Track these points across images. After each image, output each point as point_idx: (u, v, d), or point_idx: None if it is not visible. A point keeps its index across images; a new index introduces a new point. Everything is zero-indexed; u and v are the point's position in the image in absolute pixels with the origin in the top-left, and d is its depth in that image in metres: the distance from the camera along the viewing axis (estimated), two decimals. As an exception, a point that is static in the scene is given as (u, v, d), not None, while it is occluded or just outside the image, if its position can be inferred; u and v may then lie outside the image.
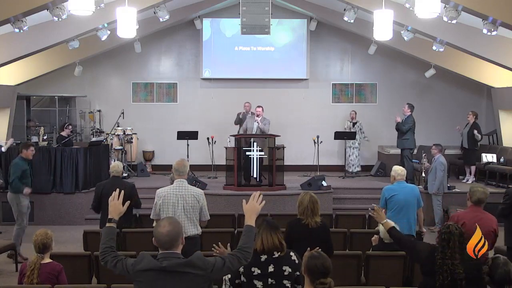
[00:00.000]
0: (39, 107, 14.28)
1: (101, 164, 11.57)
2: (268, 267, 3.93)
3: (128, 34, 9.35)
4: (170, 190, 5.41)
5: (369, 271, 5.60)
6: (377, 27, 9.11)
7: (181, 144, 12.95)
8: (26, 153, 8.19)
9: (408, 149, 11.74)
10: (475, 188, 5.30)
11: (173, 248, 3.22)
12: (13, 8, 8.21)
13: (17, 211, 8.10)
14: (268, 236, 3.97)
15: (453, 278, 3.95)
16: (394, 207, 6.54)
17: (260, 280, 3.92)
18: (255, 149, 10.59)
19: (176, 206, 5.32)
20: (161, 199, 5.40)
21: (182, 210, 5.32)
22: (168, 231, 3.21)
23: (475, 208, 5.25)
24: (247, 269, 3.93)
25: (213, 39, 14.45)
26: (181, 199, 5.34)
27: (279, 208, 10.22)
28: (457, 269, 3.94)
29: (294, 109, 14.58)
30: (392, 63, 14.66)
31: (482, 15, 8.75)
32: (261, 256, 3.95)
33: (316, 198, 5.18)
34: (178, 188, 5.39)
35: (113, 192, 3.64)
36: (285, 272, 3.93)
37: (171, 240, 3.21)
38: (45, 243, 4.76)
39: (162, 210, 5.37)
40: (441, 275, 3.98)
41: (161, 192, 5.45)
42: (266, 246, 3.95)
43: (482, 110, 14.45)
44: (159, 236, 3.22)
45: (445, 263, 3.98)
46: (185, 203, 5.33)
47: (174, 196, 5.35)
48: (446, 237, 4.03)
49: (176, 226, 3.26)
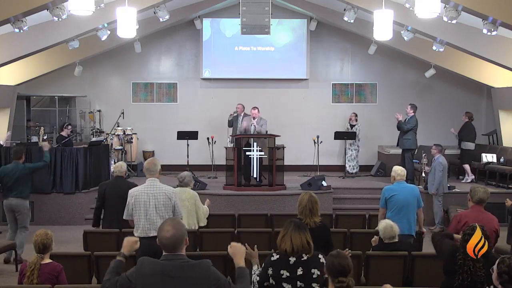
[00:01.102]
0: (39, 107, 14.28)
1: (101, 164, 11.56)
2: (297, 270, 3.94)
3: (128, 34, 9.35)
4: (142, 189, 5.41)
5: (369, 271, 5.59)
6: (377, 27, 9.11)
7: (181, 144, 12.95)
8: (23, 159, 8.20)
9: (409, 149, 11.73)
10: (476, 188, 5.32)
11: (177, 250, 3.22)
12: (13, 8, 8.21)
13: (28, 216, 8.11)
14: (297, 236, 3.98)
15: (473, 279, 3.93)
16: (394, 207, 6.54)
17: (289, 283, 3.92)
18: (255, 149, 10.60)
19: (148, 205, 5.31)
20: (133, 199, 5.39)
21: (154, 208, 5.31)
22: (172, 235, 3.20)
23: (476, 207, 5.26)
24: (276, 271, 3.94)
25: (213, 39, 14.44)
26: (152, 198, 5.33)
27: (279, 208, 10.23)
28: (479, 272, 3.92)
29: (294, 109, 14.57)
30: (392, 63, 14.66)
31: (482, 15, 8.75)
32: (290, 259, 3.95)
33: (316, 198, 5.17)
34: (150, 187, 5.38)
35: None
36: (313, 275, 3.94)
37: (175, 243, 3.21)
38: (45, 243, 4.76)
39: (134, 209, 5.37)
40: (461, 275, 3.96)
41: (133, 192, 5.45)
42: (295, 246, 3.95)
43: (482, 110, 14.46)
44: (163, 240, 3.22)
45: (465, 264, 3.97)
46: (157, 201, 5.32)
47: (145, 195, 5.35)
48: (469, 238, 4.02)
49: (179, 229, 3.25)
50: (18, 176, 7.96)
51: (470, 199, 5.36)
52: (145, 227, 5.30)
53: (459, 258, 4.01)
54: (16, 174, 7.96)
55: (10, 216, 8.06)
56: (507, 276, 3.36)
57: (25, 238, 7.95)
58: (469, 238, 4.03)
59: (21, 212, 8.01)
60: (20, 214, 8.01)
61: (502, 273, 3.37)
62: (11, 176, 7.96)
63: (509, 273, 3.36)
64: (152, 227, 5.27)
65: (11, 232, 8.09)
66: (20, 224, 8.03)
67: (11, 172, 7.99)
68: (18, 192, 7.96)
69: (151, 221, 5.29)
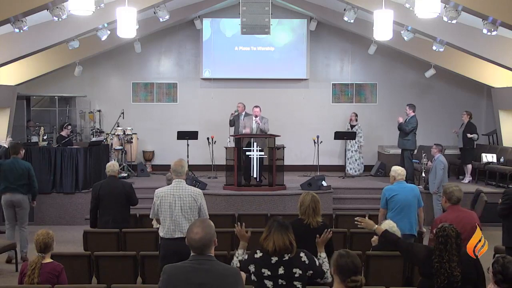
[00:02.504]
0: (39, 107, 14.27)
1: (101, 164, 11.54)
2: (278, 269, 3.95)
3: (128, 34, 9.34)
4: (168, 190, 5.41)
5: (369, 271, 5.60)
6: (377, 27, 9.10)
7: (181, 144, 12.95)
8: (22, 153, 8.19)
9: (409, 150, 11.75)
10: (451, 188, 5.25)
11: (205, 251, 3.25)
12: (13, 8, 8.20)
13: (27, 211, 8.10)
14: (280, 237, 3.98)
15: (450, 280, 3.96)
16: (395, 207, 6.55)
17: (271, 280, 3.94)
18: (255, 149, 10.60)
19: (174, 206, 5.31)
20: (159, 199, 5.40)
21: (180, 210, 5.30)
22: (201, 238, 3.22)
23: (454, 207, 5.22)
24: (258, 269, 3.96)
25: (213, 39, 14.44)
26: (178, 199, 5.32)
27: (279, 208, 10.23)
28: (455, 272, 3.95)
29: (294, 109, 14.58)
30: (392, 63, 14.66)
31: (482, 15, 8.75)
32: (271, 258, 3.95)
33: (318, 198, 5.18)
34: (176, 188, 5.38)
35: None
36: (295, 274, 3.95)
37: (204, 245, 3.23)
38: (46, 243, 4.76)
39: (160, 210, 5.38)
40: (439, 278, 3.99)
41: (159, 192, 5.45)
42: (278, 247, 3.95)
43: (482, 110, 14.46)
44: (191, 242, 3.24)
45: (442, 266, 3.99)
46: (183, 203, 5.32)
47: (171, 196, 5.34)
48: (443, 240, 4.03)
49: (208, 232, 3.26)
50: (18, 171, 7.94)
51: (446, 201, 5.26)
52: (170, 228, 5.30)
53: (435, 261, 4.02)
54: (16, 169, 7.94)
55: (10, 213, 8.04)
56: (501, 275, 3.42)
57: (27, 234, 7.94)
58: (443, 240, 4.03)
59: (22, 207, 7.99)
60: (22, 209, 8.00)
61: (496, 272, 3.44)
62: (10, 171, 7.95)
63: (502, 272, 3.42)
64: (178, 228, 5.28)
65: (10, 229, 8.08)
66: (19, 220, 8.02)
67: (9, 167, 7.98)
68: (19, 187, 7.95)
69: (177, 223, 5.29)
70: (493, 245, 6.69)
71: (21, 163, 8.07)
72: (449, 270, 3.97)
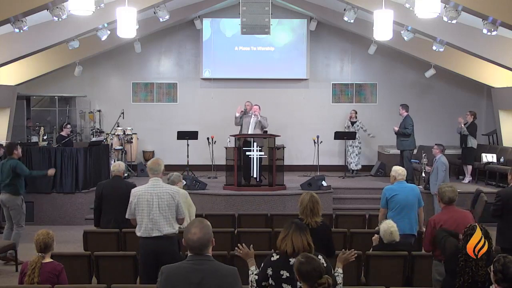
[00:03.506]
0: (39, 107, 14.27)
1: (101, 164, 11.57)
2: None
3: (128, 34, 9.35)
4: (145, 189, 5.38)
5: (369, 271, 5.60)
6: (377, 27, 9.11)
7: (181, 144, 12.94)
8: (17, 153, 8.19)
9: (408, 150, 11.74)
10: (444, 189, 5.29)
11: (203, 251, 3.25)
12: (13, 8, 8.21)
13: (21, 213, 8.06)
14: (298, 237, 3.97)
15: (474, 280, 3.94)
16: (395, 207, 6.55)
17: (289, 283, 3.90)
18: (255, 149, 10.60)
19: (151, 205, 5.28)
20: (136, 198, 5.36)
21: (157, 208, 5.28)
22: (199, 238, 3.23)
23: (448, 208, 5.26)
24: (276, 272, 3.93)
25: (213, 39, 14.44)
26: (156, 198, 5.30)
27: (279, 208, 10.23)
28: (480, 271, 3.94)
29: (294, 109, 14.57)
30: (392, 63, 14.66)
31: (482, 15, 8.75)
32: (290, 259, 3.94)
33: (317, 198, 5.16)
34: (153, 187, 5.36)
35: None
36: None
37: (202, 245, 3.24)
38: (46, 243, 4.75)
39: (137, 209, 5.34)
40: (462, 277, 3.98)
41: (136, 191, 5.43)
42: (296, 248, 3.93)
43: (482, 110, 14.45)
44: (189, 242, 3.25)
45: (467, 265, 3.98)
46: (160, 201, 5.29)
47: (148, 195, 5.32)
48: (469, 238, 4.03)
49: (207, 232, 3.27)
50: (8, 172, 7.93)
51: (440, 201, 5.33)
52: (148, 227, 5.28)
53: (461, 259, 4.02)
54: (6, 169, 7.95)
55: (6, 212, 8.10)
56: (501, 274, 3.44)
57: (19, 236, 7.93)
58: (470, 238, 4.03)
59: (12, 208, 7.99)
60: (12, 210, 8.00)
61: (496, 271, 3.46)
62: (2, 170, 7.97)
63: (503, 271, 3.43)
64: (155, 227, 5.26)
65: (7, 229, 8.10)
66: (14, 220, 8.02)
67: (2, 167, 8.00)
68: (9, 188, 7.95)
69: (154, 221, 5.26)
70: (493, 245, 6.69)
71: (8, 163, 8.05)
72: (475, 269, 3.96)
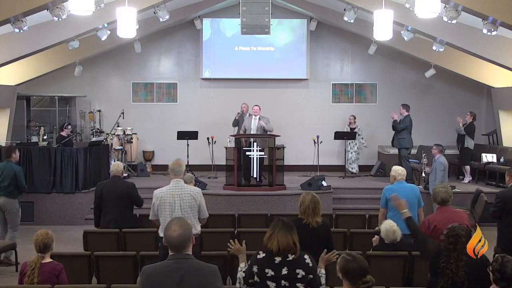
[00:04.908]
0: (39, 107, 14.27)
1: (101, 164, 11.56)
2: (281, 270, 3.92)
3: (128, 34, 9.35)
4: (167, 190, 5.39)
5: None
6: (377, 27, 9.11)
7: (181, 144, 12.95)
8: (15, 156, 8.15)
9: (404, 148, 11.76)
10: (437, 189, 5.34)
11: (184, 249, 3.25)
12: (13, 8, 8.21)
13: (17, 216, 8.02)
14: (284, 236, 3.96)
15: (454, 281, 3.97)
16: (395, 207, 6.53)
17: (274, 281, 3.92)
18: (255, 149, 10.59)
19: (174, 206, 5.30)
20: (158, 200, 5.38)
21: (180, 209, 5.29)
22: (179, 235, 3.23)
23: (442, 208, 5.30)
24: (261, 270, 3.94)
25: (213, 39, 14.44)
26: (178, 199, 5.31)
27: (279, 208, 10.23)
28: (460, 271, 3.97)
29: (294, 109, 14.58)
30: (392, 63, 14.66)
31: (482, 15, 8.76)
32: (275, 258, 3.94)
33: (318, 198, 5.17)
34: (175, 188, 5.37)
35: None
36: (298, 275, 3.92)
37: (182, 242, 3.24)
38: (45, 243, 4.75)
39: (159, 210, 5.36)
40: (443, 278, 4.01)
41: (158, 193, 5.44)
42: (281, 247, 3.93)
43: (482, 110, 14.45)
44: (170, 239, 3.24)
45: (447, 267, 4.01)
46: (182, 202, 5.31)
47: (170, 196, 5.33)
48: (453, 240, 4.06)
49: (186, 229, 3.28)
50: (9, 175, 7.88)
51: (434, 201, 5.39)
52: None
53: (441, 261, 4.05)
54: (5, 173, 7.89)
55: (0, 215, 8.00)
56: (498, 274, 3.48)
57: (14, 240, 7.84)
58: (453, 240, 4.06)
59: (9, 212, 7.92)
60: (9, 214, 7.93)
61: (494, 271, 3.50)
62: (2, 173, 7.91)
63: (500, 271, 3.47)
64: None
65: (1, 232, 8.04)
66: (9, 224, 7.96)
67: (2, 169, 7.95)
68: (7, 191, 7.88)
69: None
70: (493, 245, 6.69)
71: (9, 166, 7.96)
72: (455, 270, 3.98)
